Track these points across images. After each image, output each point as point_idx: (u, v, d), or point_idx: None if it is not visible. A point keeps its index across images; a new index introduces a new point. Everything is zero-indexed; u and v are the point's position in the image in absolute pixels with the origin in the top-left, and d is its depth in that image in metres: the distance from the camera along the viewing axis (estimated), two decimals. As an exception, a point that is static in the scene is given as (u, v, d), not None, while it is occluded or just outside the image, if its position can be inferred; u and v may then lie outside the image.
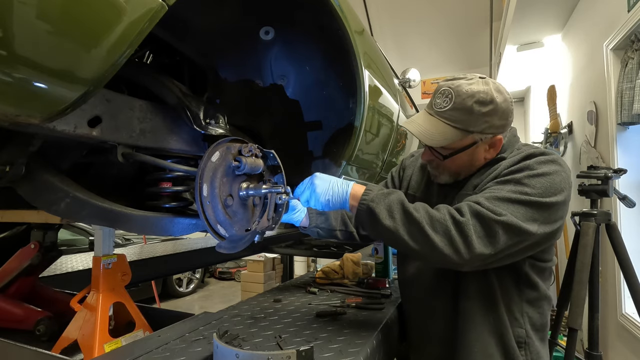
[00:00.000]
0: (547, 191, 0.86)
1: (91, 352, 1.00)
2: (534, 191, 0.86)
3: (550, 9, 3.23)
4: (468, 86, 0.94)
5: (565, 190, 0.89)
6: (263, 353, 0.76)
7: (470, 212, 0.84)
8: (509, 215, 0.82)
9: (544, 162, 0.91)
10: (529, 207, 0.84)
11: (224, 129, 1.02)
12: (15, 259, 1.42)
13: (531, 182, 0.87)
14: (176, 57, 1.18)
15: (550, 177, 0.88)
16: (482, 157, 1.01)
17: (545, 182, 0.87)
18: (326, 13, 1.08)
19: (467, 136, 0.96)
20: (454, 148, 0.99)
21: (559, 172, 0.90)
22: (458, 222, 0.83)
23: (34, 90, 0.48)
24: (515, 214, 0.83)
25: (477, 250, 0.81)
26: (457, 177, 1.06)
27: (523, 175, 0.89)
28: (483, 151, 1.01)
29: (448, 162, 1.02)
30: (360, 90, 1.25)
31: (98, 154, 0.94)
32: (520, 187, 0.87)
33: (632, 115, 2.13)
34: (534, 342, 0.97)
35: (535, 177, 0.88)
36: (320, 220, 1.19)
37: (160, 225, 0.94)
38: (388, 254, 1.63)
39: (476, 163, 1.02)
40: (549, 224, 0.86)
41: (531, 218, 0.84)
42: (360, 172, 1.56)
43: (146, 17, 0.54)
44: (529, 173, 0.89)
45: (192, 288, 6.00)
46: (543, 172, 0.89)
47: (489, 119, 0.94)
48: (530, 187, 0.87)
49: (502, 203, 0.85)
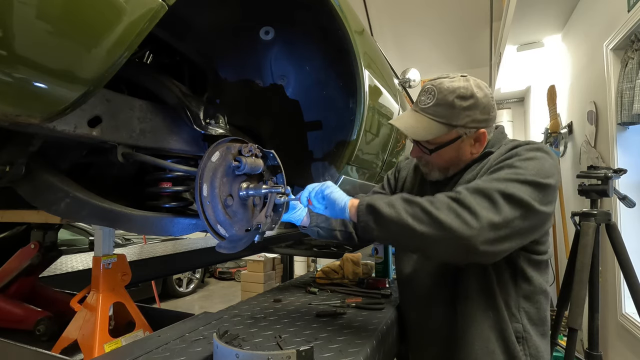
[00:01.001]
0: (540, 173, 0.87)
1: (91, 352, 0.99)
2: (527, 172, 0.86)
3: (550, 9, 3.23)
4: (449, 83, 0.99)
5: (555, 175, 0.90)
6: (263, 353, 0.76)
7: (467, 189, 0.85)
8: (508, 187, 0.83)
9: (531, 149, 0.94)
10: (527, 185, 0.84)
11: (224, 129, 1.02)
12: (15, 259, 1.42)
13: (523, 165, 0.88)
14: (176, 57, 1.18)
15: (540, 161, 0.90)
16: (468, 152, 1.04)
17: (536, 164, 0.89)
18: (326, 13, 1.08)
19: (451, 130, 1.00)
20: (440, 142, 1.02)
21: (546, 158, 0.92)
22: (457, 198, 0.83)
23: (34, 90, 0.48)
24: (513, 187, 0.84)
25: (484, 218, 0.80)
26: (446, 172, 1.08)
27: (514, 160, 0.91)
28: (469, 146, 1.03)
29: (436, 158, 1.05)
30: (360, 90, 1.25)
31: (98, 154, 0.94)
32: (514, 170, 0.88)
33: (632, 115, 2.12)
34: (532, 336, 0.97)
35: (526, 160, 0.90)
36: (320, 220, 1.20)
37: (160, 225, 0.94)
38: (388, 254, 1.63)
39: (463, 158, 1.05)
40: (545, 205, 0.86)
41: (530, 195, 0.83)
42: (360, 172, 1.56)
43: (146, 17, 0.54)
44: (519, 157, 0.91)
45: (192, 288, 6.00)
46: (533, 157, 0.91)
47: (470, 112, 0.98)
48: (523, 168, 0.87)
49: (500, 181, 0.85)
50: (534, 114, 4.84)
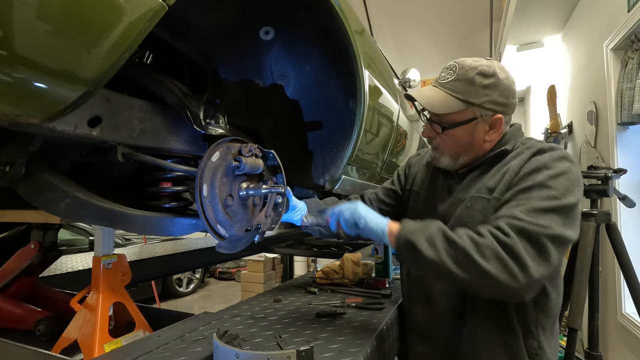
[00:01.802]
0: (568, 191, 0.83)
1: (91, 352, 1.00)
2: (559, 193, 0.83)
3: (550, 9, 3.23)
4: (472, 61, 0.96)
5: (581, 187, 0.87)
6: (263, 353, 0.76)
7: (515, 231, 0.79)
8: (553, 227, 0.79)
9: (557, 159, 0.89)
10: (561, 213, 0.81)
11: (224, 129, 1.02)
12: (15, 259, 1.42)
13: (554, 184, 0.84)
14: (176, 57, 1.18)
15: (569, 175, 0.86)
16: (481, 138, 0.98)
17: (565, 182, 0.84)
18: (326, 13, 1.08)
19: (467, 109, 0.95)
20: (453, 121, 0.97)
21: (572, 169, 0.88)
22: (506, 244, 0.77)
23: (34, 90, 0.48)
24: (556, 223, 0.79)
25: (533, 272, 0.76)
26: (456, 160, 1.02)
27: (544, 177, 0.85)
28: (483, 131, 0.97)
29: (448, 140, 1.00)
30: (360, 90, 1.25)
31: (98, 154, 0.94)
32: (547, 191, 0.83)
33: (632, 115, 2.13)
34: (546, 352, 0.94)
35: (556, 177, 0.85)
36: (320, 220, 1.16)
37: (160, 225, 0.94)
38: (388, 254, 1.62)
39: (476, 144, 0.99)
40: (575, 226, 0.83)
41: (566, 224, 0.81)
42: (360, 172, 1.57)
43: (146, 17, 0.54)
44: (549, 174, 0.86)
45: (192, 288, 6.00)
46: (561, 171, 0.86)
47: (489, 92, 0.94)
48: (555, 189, 0.83)
49: (541, 214, 0.80)
50: (534, 114, 4.84)
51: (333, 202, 1.23)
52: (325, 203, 1.18)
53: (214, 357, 0.81)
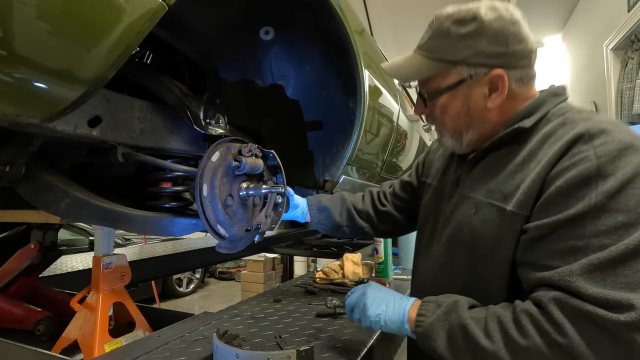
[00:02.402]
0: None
1: (91, 352, 1.00)
2: (632, 217, 0.53)
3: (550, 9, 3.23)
4: (452, 8, 0.72)
5: None
6: (263, 353, 0.76)
7: (573, 321, 0.53)
8: (638, 303, 0.50)
9: (618, 151, 0.57)
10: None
11: (224, 129, 1.02)
12: (15, 259, 1.42)
13: (619, 203, 0.54)
14: (176, 57, 1.18)
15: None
16: (482, 106, 0.72)
17: (639, 192, 0.54)
18: (326, 13, 1.08)
19: (449, 70, 0.72)
20: (437, 88, 0.75)
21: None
22: (560, 351, 0.54)
23: (34, 90, 0.48)
24: (636, 282, 0.51)
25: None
26: (460, 138, 0.78)
27: (600, 195, 0.55)
28: (481, 96, 0.71)
29: (440, 114, 0.78)
30: (360, 90, 1.25)
31: (98, 154, 0.94)
32: (611, 219, 0.54)
33: (632, 115, 2.13)
34: None
35: (624, 188, 0.54)
36: (322, 217, 1.12)
37: (160, 225, 0.94)
38: (388, 254, 1.62)
39: (477, 115, 0.73)
40: None
41: None
42: (360, 172, 1.57)
43: (146, 17, 0.54)
44: (607, 187, 0.55)
45: (192, 288, 6.00)
46: (629, 177, 0.55)
47: (471, 42, 0.69)
48: (622, 212, 0.54)
49: (610, 274, 0.53)
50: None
51: (337, 199, 1.17)
52: (330, 200, 1.16)
53: (214, 357, 0.81)
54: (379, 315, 0.75)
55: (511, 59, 0.69)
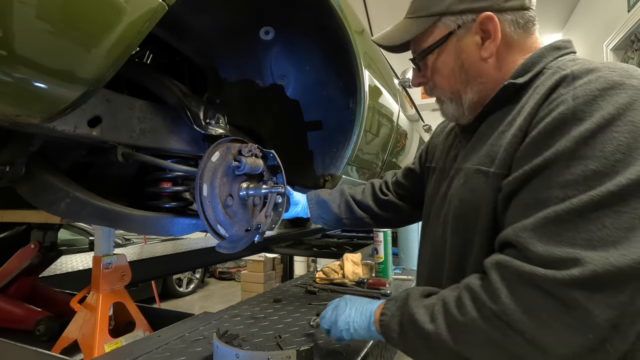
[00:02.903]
0: (631, 153, 0.44)
1: (91, 352, 1.00)
2: (608, 164, 0.45)
3: (550, 9, 3.23)
4: None
5: None
6: (263, 353, 0.76)
7: (510, 286, 0.48)
8: (588, 262, 0.43)
9: (602, 89, 0.48)
10: (619, 205, 0.44)
11: (224, 129, 1.02)
12: (15, 259, 1.42)
13: (593, 149, 0.46)
14: (176, 57, 1.18)
15: (628, 119, 0.45)
16: (477, 56, 0.66)
17: (622, 136, 0.45)
18: (326, 13, 1.08)
19: (435, 25, 0.68)
20: (427, 46, 0.70)
21: (635, 103, 0.46)
22: (494, 321, 0.49)
23: (34, 90, 0.48)
24: (598, 238, 0.44)
25: (551, 350, 0.46)
26: (460, 100, 0.71)
27: (572, 140, 0.47)
28: (474, 46, 0.65)
29: (436, 76, 0.72)
30: (360, 90, 1.25)
31: (98, 154, 0.94)
32: (581, 167, 0.46)
33: (632, 115, 2.13)
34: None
35: (600, 131, 0.46)
36: (321, 211, 1.12)
37: (160, 225, 0.94)
38: (388, 254, 1.62)
39: (472, 68, 0.67)
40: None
41: (635, 221, 0.43)
42: (360, 172, 1.57)
43: (146, 17, 0.54)
44: (585, 129, 0.47)
45: (192, 288, 6.00)
46: (612, 115, 0.46)
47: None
48: (595, 158, 0.45)
49: (568, 228, 0.45)
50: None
51: (336, 192, 1.15)
52: (329, 194, 1.16)
53: (214, 357, 0.81)
54: (348, 323, 0.74)
55: (496, 1, 0.63)
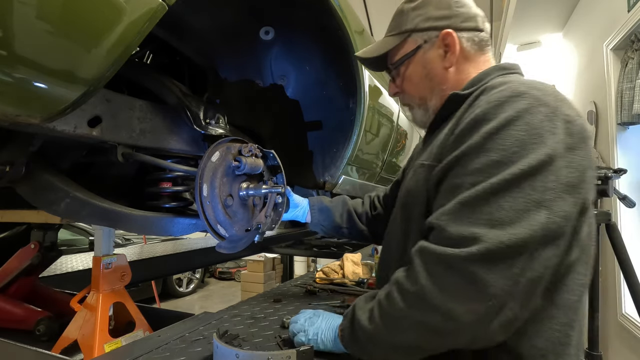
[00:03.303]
0: (525, 147, 0.53)
1: (91, 352, 0.99)
2: (504, 157, 0.54)
3: (550, 9, 3.23)
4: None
5: (555, 133, 0.54)
6: (263, 353, 0.76)
7: (427, 267, 0.55)
8: (484, 240, 0.50)
9: (507, 98, 0.58)
10: (512, 190, 0.52)
11: (224, 129, 1.02)
12: (15, 259, 1.42)
13: (497, 143, 0.55)
14: (176, 57, 1.18)
15: (523, 120, 0.55)
16: (440, 67, 0.77)
17: (518, 132, 0.54)
18: (326, 13, 1.08)
19: (406, 40, 0.80)
20: (399, 58, 0.82)
21: (533, 108, 0.55)
22: (414, 300, 0.56)
23: (34, 90, 0.48)
24: (497, 218, 0.51)
25: (461, 319, 0.52)
26: (425, 106, 0.81)
27: (482, 135, 0.57)
28: (438, 58, 0.77)
29: (406, 84, 0.83)
30: (360, 90, 1.25)
31: (98, 154, 0.94)
32: (485, 157, 0.55)
33: (632, 115, 2.12)
34: None
35: (501, 130, 0.55)
36: (322, 218, 1.13)
37: (160, 225, 0.94)
38: (388, 254, 1.62)
39: (436, 77, 0.78)
40: (557, 204, 0.51)
41: (529, 208, 0.51)
42: (360, 172, 1.57)
43: (146, 17, 0.54)
44: (490, 127, 0.56)
45: (192, 288, 6.00)
46: (511, 117, 0.55)
47: (420, 11, 0.78)
48: (497, 151, 0.54)
49: (475, 211, 0.53)
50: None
51: (338, 201, 1.17)
52: (331, 202, 1.16)
53: (214, 357, 0.81)
54: (317, 334, 0.78)
55: (457, 20, 0.76)
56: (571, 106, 0.59)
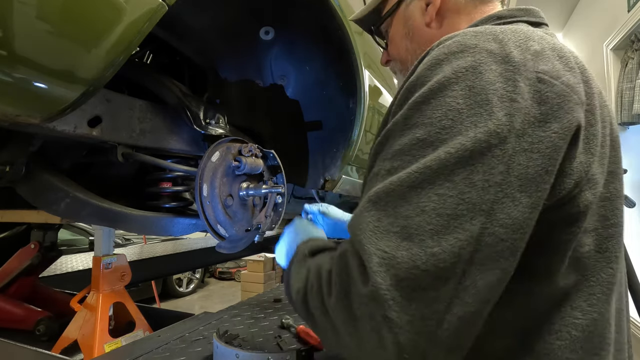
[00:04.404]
0: (459, 121, 0.36)
1: (91, 352, 1.00)
2: (432, 132, 0.37)
3: (550, 9, 3.23)
4: None
5: (507, 100, 0.36)
6: (263, 354, 0.76)
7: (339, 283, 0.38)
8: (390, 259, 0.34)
9: (443, 55, 0.41)
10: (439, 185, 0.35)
11: (224, 129, 1.02)
12: (15, 259, 1.42)
13: (423, 115, 0.39)
14: (176, 57, 1.18)
15: (462, 84, 0.38)
16: (421, 23, 0.64)
17: (453, 101, 0.37)
18: (326, 13, 1.08)
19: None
20: (382, 17, 0.70)
21: (480, 66, 0.38)
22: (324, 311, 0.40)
23: (34, 90, 0.48)
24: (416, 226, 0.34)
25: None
26: (406, 71, 0.69)
27: (408, 107, 0.41)
28: (419, 12, 0.64)
29: (391, 46, 0.71)
30: (360, 90, 1.25)
31: (98, 154, 0.94)
32: (410, 135, 0.39)
33: (632, 115, 2.13)
34: None
35: (430, 99, 0.39)
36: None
37: (160, 225, 0.94)
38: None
39: (417, 35, 0.65)
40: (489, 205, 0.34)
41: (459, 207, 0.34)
42: (360, 172, 1.56)
43: (146, 17, 0.54)
44: (416, 97, 0.40)
45: (192, 288, 5.99)
46: (444, 82, 0.39)
47: None
48: (424, 125, 0.38)
49: (385, 211, 0.36)
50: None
51: None
52: None
53: (214, 357, 0.81)
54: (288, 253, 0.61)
55: None
56: (553, 60, 0.40)
